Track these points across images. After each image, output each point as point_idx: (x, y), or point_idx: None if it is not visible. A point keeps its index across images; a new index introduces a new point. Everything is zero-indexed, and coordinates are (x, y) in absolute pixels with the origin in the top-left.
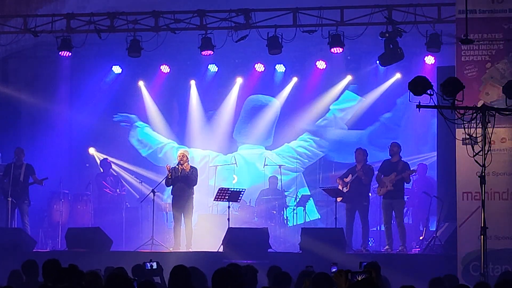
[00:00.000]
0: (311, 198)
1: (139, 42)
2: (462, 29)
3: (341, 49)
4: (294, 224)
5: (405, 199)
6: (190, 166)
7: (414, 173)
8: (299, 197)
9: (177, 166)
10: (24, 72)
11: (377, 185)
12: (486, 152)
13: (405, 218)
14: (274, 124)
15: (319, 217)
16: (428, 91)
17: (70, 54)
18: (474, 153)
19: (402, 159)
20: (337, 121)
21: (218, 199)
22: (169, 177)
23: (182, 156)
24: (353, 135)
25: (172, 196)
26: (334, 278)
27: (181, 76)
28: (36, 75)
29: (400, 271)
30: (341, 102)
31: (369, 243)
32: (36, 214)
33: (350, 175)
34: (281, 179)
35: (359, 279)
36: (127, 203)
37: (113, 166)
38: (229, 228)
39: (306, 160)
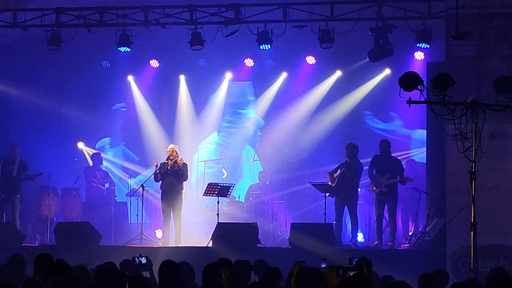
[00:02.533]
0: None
1: (128, 37)
2: (452, 25)
3: (330, 45)
4: None
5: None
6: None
7: (411, 181)
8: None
9: (166, 161)
10: (13, 66)
11: (367, 180)
12: (476, 147)
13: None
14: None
15: None
16: (419, 87)
17: (59, 48)
18: (464, 149)
19: (392, 155)
20: None
21: (208, 194)
22: (157, 172)
23: (172, 151)
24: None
25: (161, 191)
26: (325, 274)
27: (170, 71)
28: (25, 69)
29: (389, 267)
30: None
31: (358, 238)
32: (24, 208)
33: (339, 170)
34: (270, 174)
35: (351, 274)
36: (116, 198)
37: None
38: (218, 223)
39: None
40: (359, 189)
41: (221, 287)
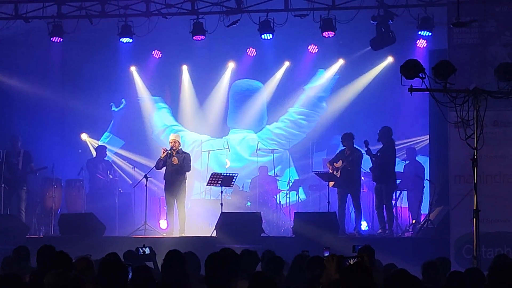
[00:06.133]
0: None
1: (130, 28)
2: (454, 12)
3: (332, 33)
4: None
5: (396, 183)
6: (183, 152)
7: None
8: (292, 181)
9: (169, 152)
10: (15, 58)
11: (369, 168)
12: (478, 135)
13: (400, 202)
14: (265, 108)
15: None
16: (420, 75)
17: (61, 40)
18: (467, 136)
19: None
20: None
21: (211, 184)
22: (162, 158)
23: (174, 141)
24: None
25: (164, 181)
26: (325, 263)
27: (173, 61)
28: (27, 61)
29: (393, 254)
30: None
31: (362, 226)
32: (29, 200)
33: (341, 161)
34: (273, 162)
35: (351, 262)
36: (120, 189)
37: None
38: (222, 213)
39: (284, 141)
40: (362, 178)
41: (223, 277)
